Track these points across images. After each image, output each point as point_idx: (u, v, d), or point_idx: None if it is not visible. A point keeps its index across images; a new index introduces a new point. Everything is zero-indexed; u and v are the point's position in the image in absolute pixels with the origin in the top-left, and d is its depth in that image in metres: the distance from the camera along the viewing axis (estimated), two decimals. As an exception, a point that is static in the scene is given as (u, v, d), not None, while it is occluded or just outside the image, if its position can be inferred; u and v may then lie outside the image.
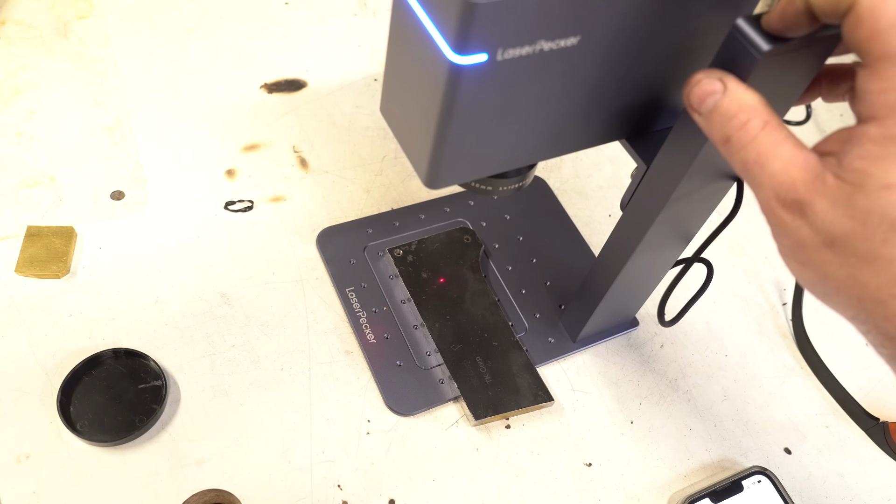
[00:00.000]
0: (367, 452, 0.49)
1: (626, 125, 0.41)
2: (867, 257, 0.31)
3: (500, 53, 0.30)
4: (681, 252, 0.48)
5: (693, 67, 0.38)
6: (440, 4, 0.29)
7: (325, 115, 0.67)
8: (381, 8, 0.77)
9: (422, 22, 0.30)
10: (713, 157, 0.38)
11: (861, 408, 0.55)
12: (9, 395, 0.48)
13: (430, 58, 0.30)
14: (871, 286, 0.31)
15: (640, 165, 0.42)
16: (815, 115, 0.76)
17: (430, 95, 0.32)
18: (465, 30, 0.28)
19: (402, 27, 0.32)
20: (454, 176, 0.37)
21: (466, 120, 0.33)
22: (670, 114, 0.41)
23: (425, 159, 0.35)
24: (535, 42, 0.30)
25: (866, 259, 0.31)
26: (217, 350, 0.52)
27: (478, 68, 0.30)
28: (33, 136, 0.61)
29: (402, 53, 0.34)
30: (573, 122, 0.38)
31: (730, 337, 0.59)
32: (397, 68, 0.35)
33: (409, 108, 0.35)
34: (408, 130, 0.36)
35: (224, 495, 0.45)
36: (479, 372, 0.52)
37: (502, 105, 0.33)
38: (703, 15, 0.35)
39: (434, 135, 0.33)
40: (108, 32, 0.70)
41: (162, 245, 0.57)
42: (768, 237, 0.66)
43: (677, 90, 0.39)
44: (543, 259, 0.60)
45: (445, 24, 0.29)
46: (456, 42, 0.29)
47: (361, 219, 0.60)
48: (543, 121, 0.36)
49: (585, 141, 0.40)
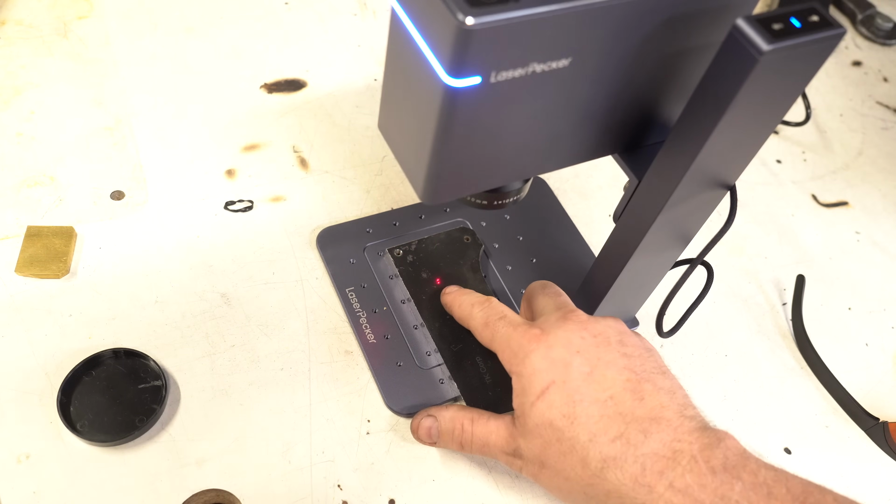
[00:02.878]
0: (367, 452, 0.49)
1: (618, 140, 0.42)
2: (554, 465, 0.41)
3: (494, 76, 0.31)
4: (681, 252, 0.48)
5: (683, 82, 0.39)
6: (435, 28, 0.30)
7: (325, 115, 0.67)
8: (381, 8, 0.77)
9: (417, 45, 0.31)
10: (705, 170, 0.38)
11: (861, 408, 0.55)
12: (9, 395, 0.48)
13: (426, 79, 0.32)
14: (570, 490, 0.41)
15: (632, 179, 0.42)
16: (814, 115, 0.76)
17: (425, 115, 0.33)
18: (459, 54, 0.29)
19: (399, 48, 0.33)
20: (450, 192, 0.38)
21: (461, 139, 0.34)
22: (661, 129, 0.42)
23: (422, 176, 0.36)
24: (528, 64, 0.32)
25: (554, 467, 0.41)
26: (217, 350, 0.52)
27: (472, 90, 0.31)
28: (33, 136, 0.61)
29: (399, 73, 0.35)
30: (566, 140, 0.39)
31: (730, 337, 0.59)
32: (394, 87, 0.36)
33: (406, 127, 0.36)
34: (405, 147, 0.37)
35: (224, 495, 0.45)
36: (479, 372, 0.52)
37: (496, 124, 0.34)
38: (692, 35, 0.36)
39: (430, 153, 0.34)
40: (108, 32, 0.70)
41: (162, 245, 0.57)
42: (768, 237, 0.67)
43: (668, 106, 0.40)
44: (543, 259, 0.60)
45: (440, 47, 0.30)
46: (451, 65, 0.30)
47: (361, 219, 0.60)
48: (536, 138, 0.37)
49: (578, 156, 0.41)
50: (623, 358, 0.41)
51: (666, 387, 0.41)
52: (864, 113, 0.78)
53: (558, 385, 0.40)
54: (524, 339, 0.43)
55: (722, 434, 0.38)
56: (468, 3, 0.28)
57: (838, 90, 0.80)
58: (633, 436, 0.38)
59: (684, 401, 0.41)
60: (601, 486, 0.38)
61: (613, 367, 0.41)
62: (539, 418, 0.40)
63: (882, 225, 0.69)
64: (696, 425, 0.39)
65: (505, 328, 0.45)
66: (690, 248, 0.50)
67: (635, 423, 0.39)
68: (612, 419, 0.39)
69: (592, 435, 0.39)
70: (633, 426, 0.39)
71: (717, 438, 0.38)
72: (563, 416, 0.40)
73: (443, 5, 0.28)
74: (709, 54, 0.34)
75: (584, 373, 0.40)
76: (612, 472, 0.38)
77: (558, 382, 0.40)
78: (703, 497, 0.36)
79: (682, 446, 0.37)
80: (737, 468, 0.36)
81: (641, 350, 0.43)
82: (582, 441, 0.39)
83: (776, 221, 0.67)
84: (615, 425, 0.39)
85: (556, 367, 0.41)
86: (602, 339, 0.42)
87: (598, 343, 0.42)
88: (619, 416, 0.39)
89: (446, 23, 0.29)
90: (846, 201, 0.70)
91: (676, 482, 0.36)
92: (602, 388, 0.40)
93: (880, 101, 0.80)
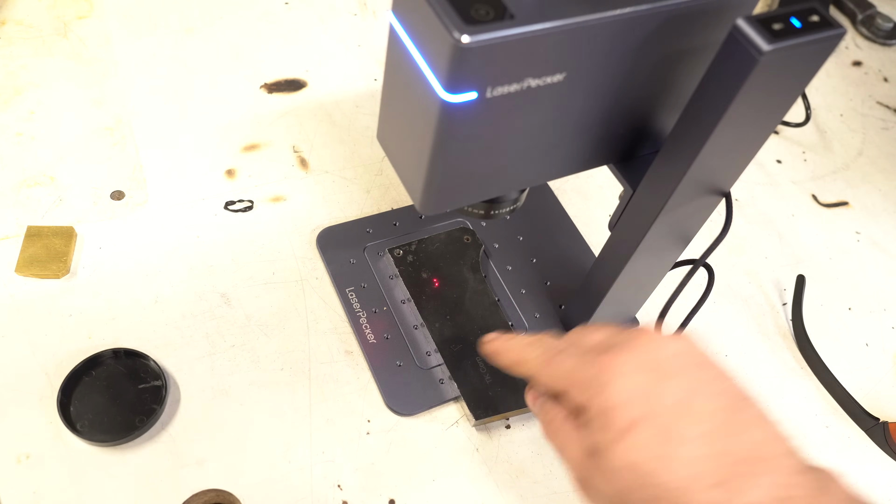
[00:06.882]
0: (367, 452, 0.49)
1: (613, 151, 0.42)
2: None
3: (490, 91, 0.31)
4: (680, 254, 0.48)
5: (680, 89, 0.39)
6: (432, 46, 0.30)
7: (325, 115, 0.67)
8: (381, 8, 0.77)
9: (415, 61, 0.32)
10: (702, 174, 0.38)
11: (861, 408, 0.55)
12: (9, 395, 0.48)
13: (423, 94, 0.32)
14: None
15: (627, 189, 0.43)
16: (814, 115, 0.76)
17: (423, 129, 0.33)
18: (455, 70, 0.30)
19: (397, 63, 0.34)
20: (447, 202, 0.39)
21: (458, 152, 0.34)
22: (656, 139, 0.42)
23: (419, 187, 0.36)
24: (523, 80, 0.32)
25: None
26: (217, 350, 0.52)
27: (468, 105, 0.31)
28: (33, 136, 0.61)
29: (397, 87, 0.36)
30: (561, 151, 0.40)
31: (730, 337, 0.59)
32: (392, 100, 0.37)
33: (404, 139, 0.37)
34: (403, 158, 0.38)
35: (224, 495, 0.45)
36: (480, 372, 0.52)
37: (492, 138, 0.35)
38: (691, 35, 0.36)
39: (427, 165, 0.35)
40: (108, 32, 0.70)
41: (162, 245, 0.57)
42: (768, 237, 0.67)
43: (663, 116, 0.41)
44: (543, 259, 0.60)
45: (437, 64, 0.30)
46: (447, 81, 0.30)
47: (361, 219, 0.60)
48: (532, 151, 0.38)
49: (573, 167, 0.42)
50: (714, 381, 0.35)
51: (756, 416, 0.35)
52: (864, 113, 0.78)
53: (647, 420, 0.34)
54: (594, 367, 0.36)
55: (826, 475, 0.33)
56: (464, 21, 0.29)
57: (838, 90, 0.80)
58: (735, 482, 0.32)
59: (780, 432, 0.35)
60: None
61: (706, 395, 0.35)
62: (622, 461, 0.34)
63: (882, 225, 0.69)
64: (800, 465, 0.33)
65: (568, 360, 0.38)
66: (690, 247, 0.50)
67: (737, 466, 0.33)
68: (710, 461, 0.33)
69: (688, 481, 0.33)
70: (734, 469, 0.33)
71: (824, 482, 0.33)
72: (652, 458, 0.33)
73: (439, 23, 0.29)
74: (707, 56, 0.34)
75: (674, 403, 0.34)
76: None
77: (647, 417, 0.34)
78: None
79: (790, 492, 0.32)
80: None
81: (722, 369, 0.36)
82: (674, 488, 0.33)
83: (776, 221, 0.67)
84: (714, 468, 0.33)
85: (641, 397, 0.34)
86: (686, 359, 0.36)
87: (684, 365, 0.36)
88: (718, 457, 0.33)
89: (443, 40, 0.29)
90: (846, 201, 0.70)
91: None
92: (697, 422, 0.34)
93: (880, 101, 0.80)
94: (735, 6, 0.35)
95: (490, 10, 0.29)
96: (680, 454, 0.33)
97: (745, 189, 0.69)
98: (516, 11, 0.29)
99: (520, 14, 0.30)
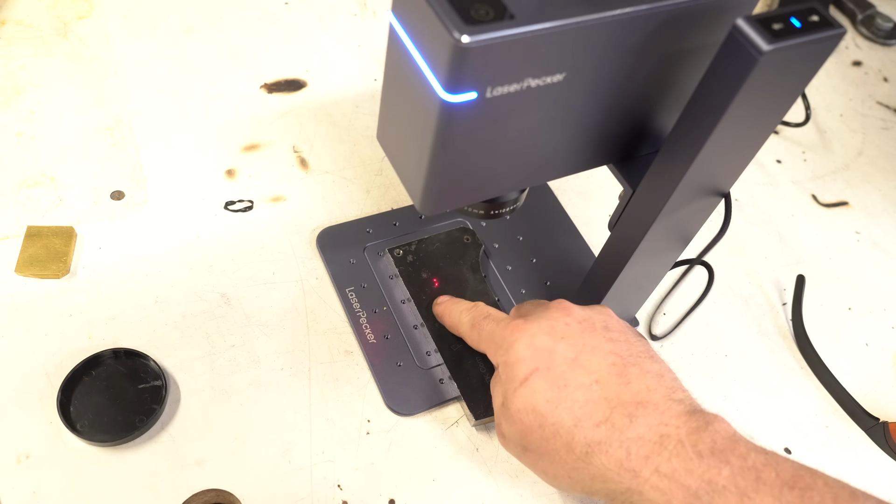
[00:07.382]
0: (367, 452, 0.49)
1: (613, 151, 0.42)
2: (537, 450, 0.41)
3: (490, 91, 0.31)
4: (680, 254, 0.48)
5: (679, 89, 0.39)
6: (432, 46, 0.30)
7: (325, 115, 0.67)
8: (381, 8, 0.77)
9: (415, 61, 0.32)
10: (701, 175, 0.38)
11: (861, 408, 0.55)
12: (9, 395, 0.48)
13: (423, 95, 0.32)
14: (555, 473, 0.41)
15: (627, 189, 0.43)
16: (814, 115, 0.76)
17: (423, 129, 0.34)
18: (455, 71, 0.30)
19: (397, 64, 0.34)
20: (447, 203, 0.39)
21: (458, 152, 0.34)
22: (656, 139, 0.43)
23: (419, 187, 0.36)
24: (523, 80, 0.32)
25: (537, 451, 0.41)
26: (217, 350, 0.52)
27: (468, 105, 0.31)
28: (33, 136, 0.61)
29: (397, 87, 0.36)
30: (561, 152, 0.40)
31: (730, 337, 0.59)
32: (392, 101, 0.37)
33: (404, 139, 0.37)
34: (403, 159, 0.38)
35: (224, 495, 0.45)
36: (480, 372, 0.52)
37: (492, 138, 0.35)
38: (690, 36, 0.36)
39: (427, 165, 0.35)
40: (108, 32, 0.70)
41: (162, 245, 0.57)
42: (768, 237, 0.67)
43: (663, 116, 0.41)
44: (543, 259, 0.60)
45: (437, 64, 0.30)
46: (447, 82, 0.30)
47: (361, 219, 0.60)
48: (532, 151, 0.38)
49: (573, 167, 0.42)
50: (608, 343, 0.41)
51: (653, 370, 0.40)
52: (864, 113, 0.78)
53: (542, 371, 0.40)
54: (507, 330, 0.43)
55: (711, 417, 0.37)
56: (464, 21, 0.29)
57: (838, 90, 0.80)
58: (618, 420, 0.38)
59: (673, 384, 0.40)
60: (586, 470, 0.38)
61: (599, 352, 0.40)
62: (521, 403, 0.40)
63: (882, 225, 0.69)
64: (685, 409, 0.38)
65: (489, 325, 0.46)
66: (690, 247, 0.50)
67: (621, 408, 0.38)
68: (597, 403, 0.39)
69: (577, 419, 0.39)
70: (618, 410, 0.38)
71: (705, 422, 0.37)
72: (547, 402, 0.39)
73: (439, 23, 0.29)
74: (707, 56, 0.34)
75: (568, 358, 0.40)
76: (597, 457, 0.38)
77: (542, 369, 0.40)
78: (690, 482, 0.35)
79: (668, 430, 0.37)
80: (725, 452, 0.36)
81: (628, 335, 0.42)
82: (566, 426, 0.39)
83: (776, 221, 0.67)
84: (600, 410, 0.38)
85: (539, 354, 0.41)
86: (587, 325, 0.42)
87: (583, 329, 0.42)
88: (604, 401, 0.39)
89: (443, 41, 0.29)
90: (846, 201, 0.70)
91: (662, 467, 0.36)
92: (587, 373, 0.40)
93: (880, 101, 0.80)
94: (735, 6, 0.35)
95: (490, 10, 0.29)
96: (571, 397, 0.39)
97: (744, 189, 0.69)
98: (516, 11, 0.30)
99: (520, 14, 0.30)
